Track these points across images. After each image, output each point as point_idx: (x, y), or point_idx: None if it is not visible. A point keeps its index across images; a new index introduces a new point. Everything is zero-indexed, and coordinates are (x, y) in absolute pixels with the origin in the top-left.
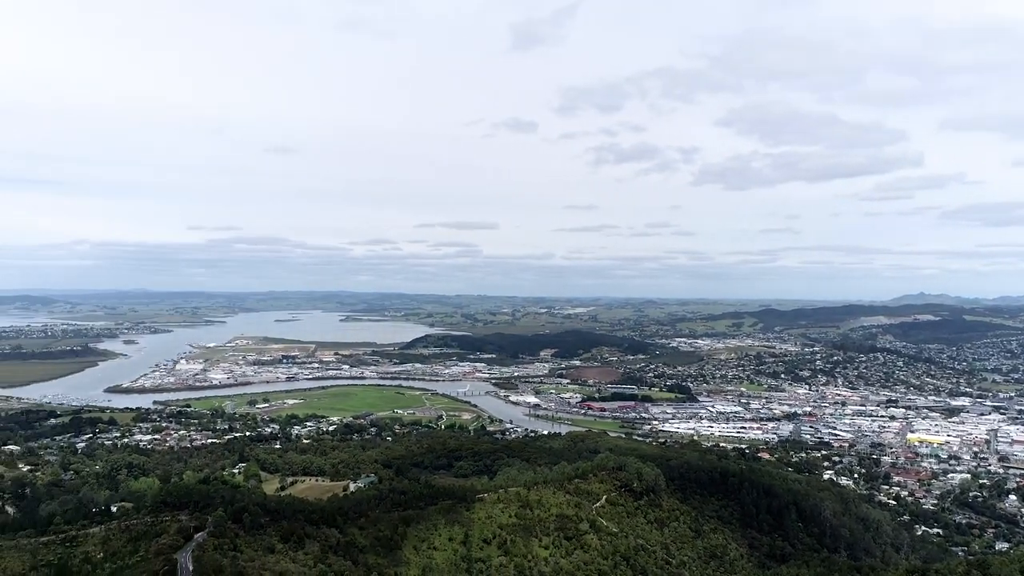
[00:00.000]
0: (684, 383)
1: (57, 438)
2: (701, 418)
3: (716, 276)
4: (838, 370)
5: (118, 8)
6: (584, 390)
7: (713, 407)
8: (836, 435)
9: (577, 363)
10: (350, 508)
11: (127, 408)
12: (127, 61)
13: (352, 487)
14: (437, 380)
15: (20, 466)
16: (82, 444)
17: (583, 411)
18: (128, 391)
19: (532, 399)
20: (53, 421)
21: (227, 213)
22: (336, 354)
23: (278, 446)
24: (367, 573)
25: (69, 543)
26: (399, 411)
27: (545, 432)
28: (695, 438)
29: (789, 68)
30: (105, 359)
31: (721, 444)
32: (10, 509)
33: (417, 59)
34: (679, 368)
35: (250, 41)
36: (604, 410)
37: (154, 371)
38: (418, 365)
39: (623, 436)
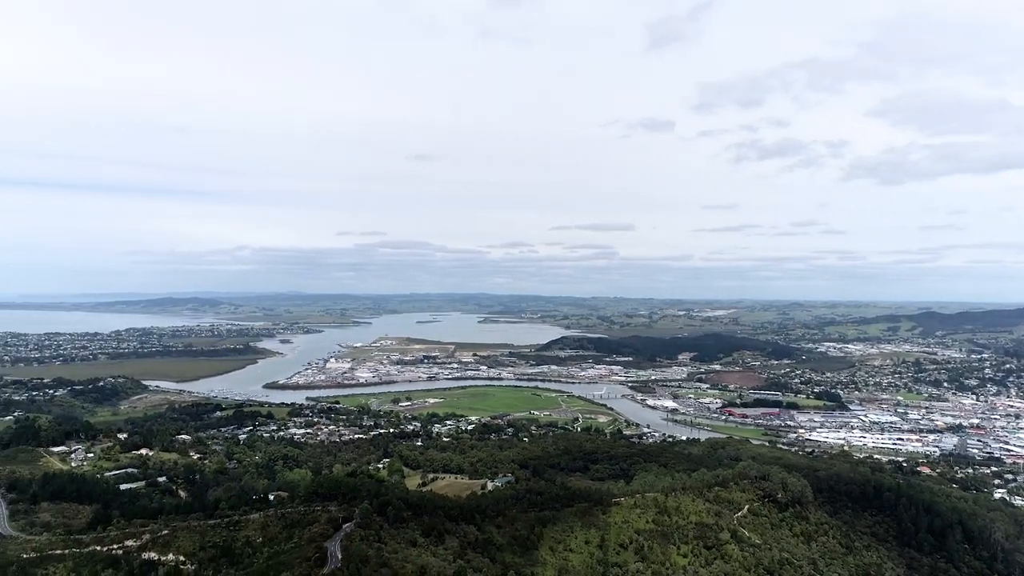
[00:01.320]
0: (833, 390)
1: (222, 429)
2: (852, 428)
3: (869, 277)
4: (1011, 379)
5: (266, 32)
6: (724, 395)
7: (866, 416)
8: (1009, 450)
9: (717, 367)
10: (488, 506)
11: (283, 403)
12: (282, 81)
13: (490, 486)
14: (573, 382)
15: (191, 454)
16: (244, 436)
17: (723, 417)
18: (284, 387)
19: (670, 403)
20: (219, 414)
21: (373, 219)
22: (474, 355)
23: (420, 443)
24: (504, 571)
25: (233, 527)
26: (535, 412)
27: (683, 437)
28: (845, 449)
29: (952, 51)
30: (264, 357)
31: (875, 456)
32: (182, 493)
33: (553, 64)
34: (828, 374)
35: (394, 54)
36: (746, 416)
37: (307, 369)
38: (554, 367)
39: (766, 444)
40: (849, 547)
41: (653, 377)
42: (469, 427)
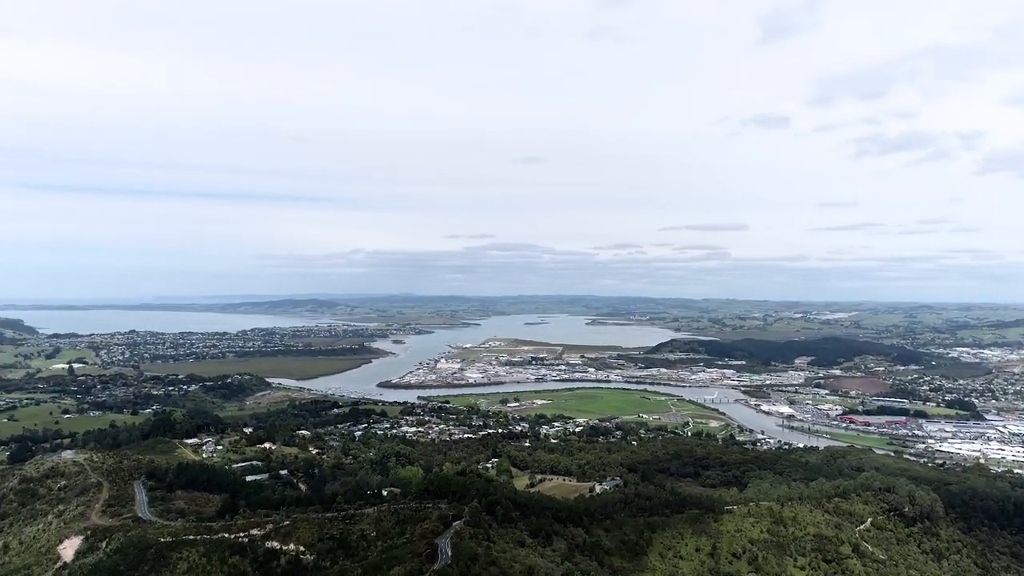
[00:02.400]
0: (967, 398)
1: (339, 426)
2: (989, 439)
3: (1007, 277)
4: None
5: (375, 43)
6: (845, 402)
7: (1004, 427)
8: None
9: (837, 372)
10: (596, 509)
11: (395, 402)
12: (392, 89)
13: (598, 488)
14: (683, 386)
15: (310, 449)
16: (359, 432)
17: (844, 425)
18: (396, 386)
19: (785, 409)
20: (336, 411)
21: (482, 222)
22: (582, 357)
23: (527, 444)
24: None
25: (348, 520)
26: (644, 415)
27: (800, 445)
28: (981, 462)
29: None
30: (377, 357)
31: (1015, 471)
32: (302, 486)
33: (660, 62)
34: (961, 382)
35: (500, 57)
36: (869, 425)
37: (418, 369)
38: (663, 370)
39: (891, 455)
40: (986, 567)
41: (768, 382)
42: (577, 429)
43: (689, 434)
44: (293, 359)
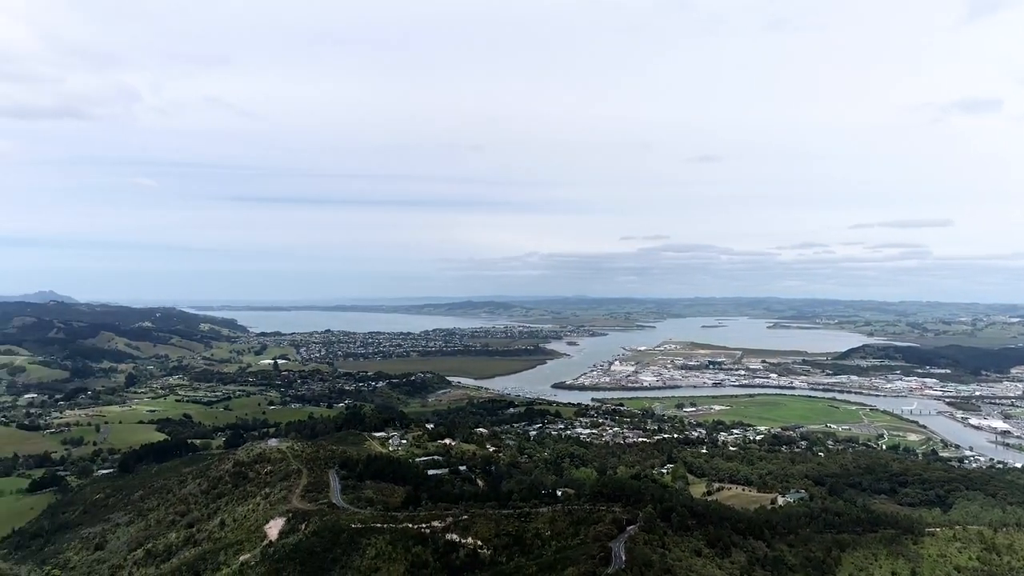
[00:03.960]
0: None
1: (514, 425)
2: None
3: None
4: None
5: (543, 50)
6: None
7: None
8: None
9: None
10: (779, 522)
11: (569, 403)
12: (563, 93)
13: (780, 501)
14: (876, 395)
15: (487, 446)
16: (534, 432)
17: None
18: (570, 388)
19: (999, 424)
20: (512, 410)
21: (656, 223)
22: (763, 362)
23: (704, 450)
24: None
25: (524, 518)
26: (832, 426)
27: (1017, 465)
28: None
29: None
30: (552, 358)
31: None
32: (480, 482)
33: (849, 48)
34: None
35: (673, 54)
36: None
37: (592, 371)
38: (854, 377)
39: None
40: None
41: (977, 393)
42: (757, 437)
43: (884, 447)
44: (472, 359)
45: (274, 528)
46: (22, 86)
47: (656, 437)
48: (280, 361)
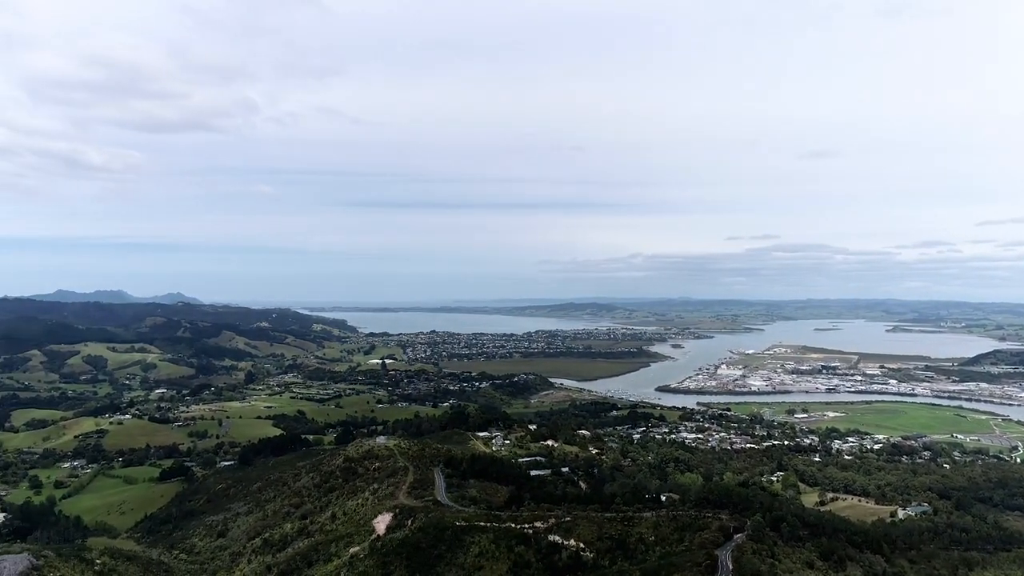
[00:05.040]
0: None
1: (617, 428)
2: None
3: None
4: None
5: (633, 50)
6: None
7: None
8: None
9: None
10: (899, 537)
11: (674, 407)
12: (660, 90)
13: (900, 514)
14: (1010, 404)
15: (590, 449)
16: (637, 435)
17: None
18: (675, 391)
19: None
20: (614, 413)
21: (764, 222)
22: (881, 367)
23: (817, 459)
24: None
25: (627, 522)
26: (959, 436)
27: None
28: None
29: None
30: (656, 361)
31: None
32: (582, 484)
33: (976, 32)
34: None
35: (780, 47)
36: None
37: (697, 374)
38: (984, 385)
39: None
40: None
41: None
42: (875, 446)
43: (1018, 460)
44: (574, 360)
45: (382, 523)
46: (155, 102)
47: (765, 444)
48: (388, 361)
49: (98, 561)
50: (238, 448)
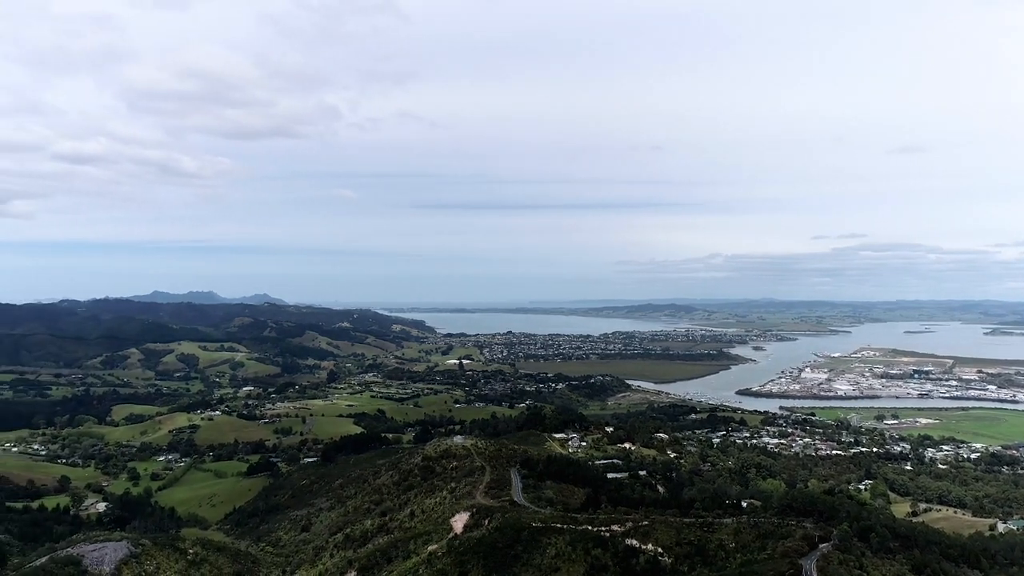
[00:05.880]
0: None
1: (696, 431)
2: None
3: None
4: None
5: (735, 44)
6: None
7: None
8: None
9: None
10: (999, 551)
11: (755, 411)
12: (745, 87)
13: (1000, 527)
14: None
15: (668, 452)
16: (717, 439)
17: None
18: (756, 395)
19: None
20: (693, 416)
21: (851, 221)
22: (979, 371)
23: (908, 467)
24: None
25: (706, 528)
26: None
27: None
28: None
29: None
30: (736, 363)
31: None
32: (660, 488)
33: None
34: None
35: (873, 40)
36: None
37: (780, 377)
38: None
39: None
40: None
41: None
42: (972, 455)
43: None
44: (651, 362)
45: (459, 522)
46: (243, 110)
47: (852, 450)
48: (465, 361)
49: (191, 551)
50: (320, 445)
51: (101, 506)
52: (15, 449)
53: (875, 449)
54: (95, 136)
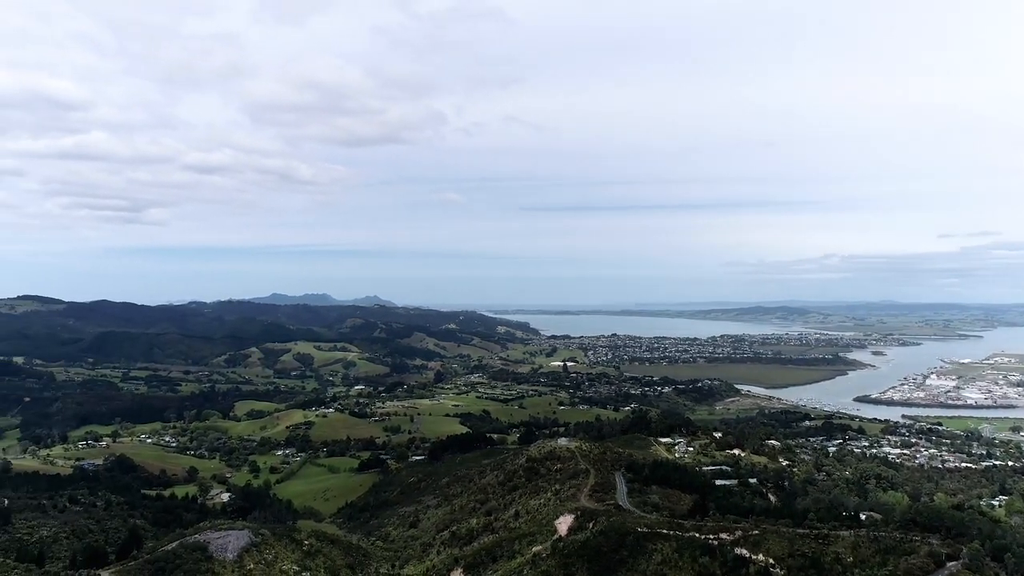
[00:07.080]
0: None
1: (811, 439)
2: None
3: None
4: None
5: (845, 36)
6: None
7: None
8: None
9: None
10: None
11: (875, 419)
12: (859, 80)
13: None
14: None
15: (780, 460)
16: (833, 448)
17: None
18: (876, 402)
19: None
20: (807, 423)
21: (983, 218)
22: None
23: None
24: None
25: (821, 540)
26: None
27: None
28: None
29: None
30: (854, 369)
31: None
32: (771, 497)
33: None
34: None
35: (996, 20)
36: None
37: (902, 384)
38: None
39: None
40: None
41: None
42: None
43: None
44: (762, 367)
45: (563, 524)
46: (355, 119)
47: (984, 463)
48: (569, 363)
49: (306, 542)
50: (428, 444)
51: (225, 496)
52: (149, 441)
53: (1010, 463)
54: (221, 147)
